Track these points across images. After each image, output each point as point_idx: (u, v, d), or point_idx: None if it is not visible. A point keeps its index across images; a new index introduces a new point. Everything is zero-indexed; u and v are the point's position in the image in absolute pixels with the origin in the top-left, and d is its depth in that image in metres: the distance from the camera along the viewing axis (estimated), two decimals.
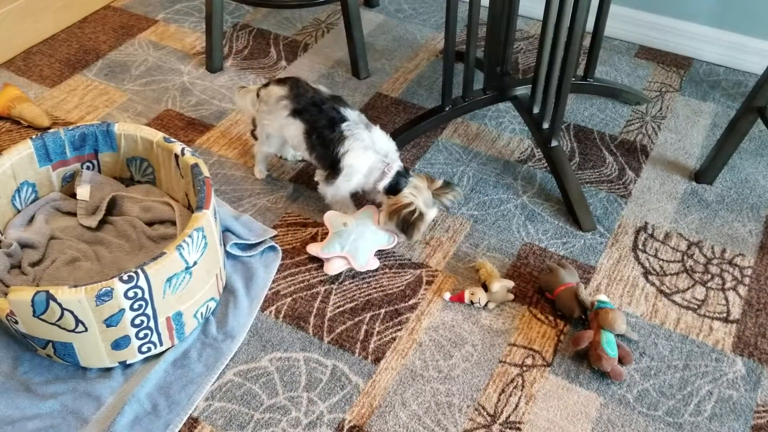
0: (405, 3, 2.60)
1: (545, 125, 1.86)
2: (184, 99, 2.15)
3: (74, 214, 1.69)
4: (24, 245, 1.57)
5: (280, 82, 1.74)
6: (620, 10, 2.36)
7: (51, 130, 1.64)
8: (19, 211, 1.65)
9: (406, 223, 1.60)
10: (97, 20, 2.48)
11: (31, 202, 1.67)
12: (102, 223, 1.68)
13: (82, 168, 1.72)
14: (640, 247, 1.74)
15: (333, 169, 1.66)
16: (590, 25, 1.99)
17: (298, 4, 2.15)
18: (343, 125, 1.64)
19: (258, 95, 1.78)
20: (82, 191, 1.69)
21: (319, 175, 1.72)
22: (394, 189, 1.64)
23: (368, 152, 1.63)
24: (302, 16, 2.52)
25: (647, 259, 1.71)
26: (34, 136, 1.62)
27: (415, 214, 1.60)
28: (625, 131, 2.07)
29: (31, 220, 1.64)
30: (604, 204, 1.85)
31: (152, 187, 1.75)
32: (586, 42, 2.20)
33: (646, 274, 1.68)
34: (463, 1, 1.80)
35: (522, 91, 1.98)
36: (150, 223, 1.69)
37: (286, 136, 1.74)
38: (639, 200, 1.86)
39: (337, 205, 1.75)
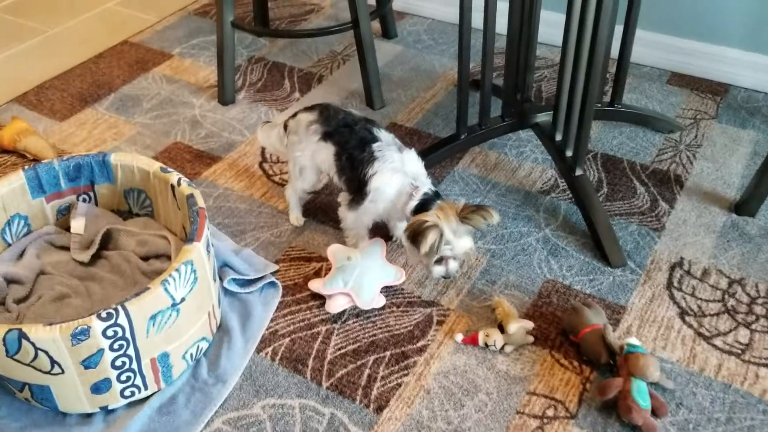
0: (424, 33, 2.52)
1: (568, 153, 1.73)
2: (194, 131, 2.08)
3: (68, 249, 1.61)
4: (11, 281, 1.49)
5: (309, 108, 1.65)
6: (649, 36, 2.23)
7: (44, 161, 1.57)
8: (9, 245, 1.57)
9: (416, 233, 1.43)
10: (113, 55, 2.46)
11: (24, 236, 1.60)
12: (96, 257, 1.60)
13: (78, 200, 1.64)
14: (675, 284, 1.59)
15: (359, 192, 1.55)
16: (616, 50, 1.87)
17: (309, 34, 2.08)
18: (374, 145, 1.53)
19: (285, 128, 1.69)
20: (77, 224, 1.61)
21: (342, 197, 1.61)
22: (421, 211, 1.49)
23: (396, 175, 1.51)
24: (318, 48, 2.46)
25: (683, 298, 1.56)
26: (26, 167, 1.55)
27: (426, 225, 1.43)
28: (657, 160, 1.93)
29: (22, 254, 1.57)
30: (635, 238, 1.70)
31: (150, 220, 1.67)
32: (613, 69, 2.07)
33: (682, 314, 1.52)
34: (480, 30, 1.70)
35: (543, 117, 1.86)
36: (146, 258, 1.60)
37: (317, 163, 1.63)
38: (674, 234, 1.71)
39: (352, 233, 1.63)
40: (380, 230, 1.71)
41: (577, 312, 1.46)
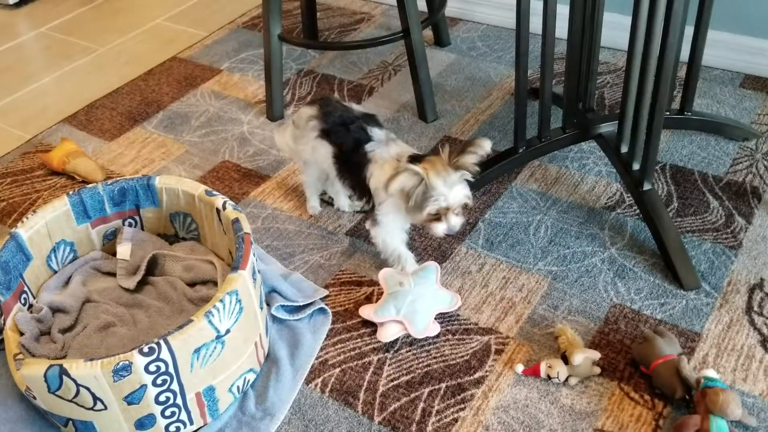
0: (478, 40, 2.42)
1: (636, 166, 1.62)
2: (242, 149, 2.04)
3: (115, 275, 1.58)
4: (56, 309, 1.46)
5: (310, 102, 1.65)
6: (720, 36, 2.09)
7: (89, 185, 1.54)
8: (55, 272, 1.55)
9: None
10: (162, 72, 2.44)
11: (70, 262, 1.58)
12: (143, 284, 1.56)
13: (124, 225, 1.61)
14: (755, 308, 1.46)
15: (367, 198, 1.52)
16: (685, 53, 1.75)
17: (358, 45, 2.01)
18: (367, 146, 1.50)
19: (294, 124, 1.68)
20: (123, 250, 1.58)
21: (368, 222, 1.56)
22: None
23: (386, 165, 1.46)
24: (369, 59, 2.39)
25: (765, 324, 1.43)
26: (70, 192, 1.53)
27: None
28: (731, 171, 1.79)
29: (68, 281, 1.54)
30: (710, 257, 1.57)
31: (197, 244, 1.63)
32: (682, 73, 1.94)
33: (764, 342, 1.40)
34: (538, 35, 1.60)
35: (608, 128, 1.74)
36: (192, 284, 1.55)
37: (317, 160, 1.61)
38: (752, 252, 1.58)
39: (392, 255, 1.54)
40: (435, 252, 1.63)
41: (648, 342, 1.35)
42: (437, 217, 1.40)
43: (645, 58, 1.47)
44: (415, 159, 1.43)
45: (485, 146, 1.39)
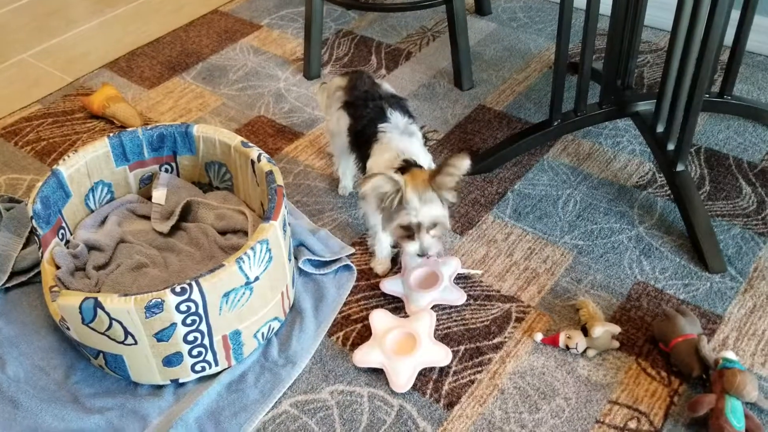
0: (520, 11, 2.40)
1: (670, 146, 1.61)
2: (278, 105, 2.06)
3: (149, 218, 1.62)
4: (91, 247, 1.51)
5: (344, 74, 1.63)
6: (765, 22, 2.05)
7: (128, 129, 1.58)
8: (92, 212, 1.59)
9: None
10: (202, 24, 2.46)
11: (107, 203, 1.62)
12: (175, 228, 1.60)
13: (160, 170, 1.64)
14: None
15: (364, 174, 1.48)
16: (729, 37, 1.72)
17: (399, 8, 2.01)
18: (380, 126, 1.45)
19: None
20: (158, 194, 1.61)
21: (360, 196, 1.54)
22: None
23: (386, 154, 1.42)
24: (408, 23, 2.38)
25: None
26: (110, 135, 1.56)
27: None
28: (767, 159, 1.77)
29: (104, 221, 1.58)
30: (738, 242, 1.57)
31: (229, 194, 1.66)
32: (724, 57, 1.92)
33: None
34: (582, 10, 1.59)
35: (645, 106, 1.73)
36: (223, 232, 1.59)
37: (341, 130, 1.56)
38: None
39: (371, 231, 1.53)
40: (462, 219, 1.65)
41: (669, 319, 1.36)
42: (410, 235, 1.35)
43: (688, 38, 1.46)
44: (406, 166, 1.37)
45: (462, 165, 1.29)
